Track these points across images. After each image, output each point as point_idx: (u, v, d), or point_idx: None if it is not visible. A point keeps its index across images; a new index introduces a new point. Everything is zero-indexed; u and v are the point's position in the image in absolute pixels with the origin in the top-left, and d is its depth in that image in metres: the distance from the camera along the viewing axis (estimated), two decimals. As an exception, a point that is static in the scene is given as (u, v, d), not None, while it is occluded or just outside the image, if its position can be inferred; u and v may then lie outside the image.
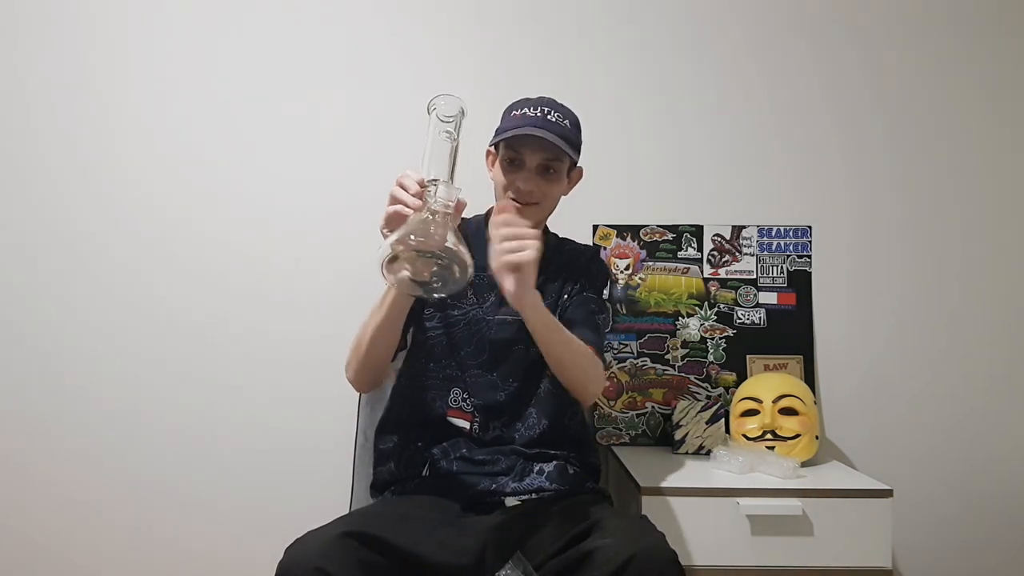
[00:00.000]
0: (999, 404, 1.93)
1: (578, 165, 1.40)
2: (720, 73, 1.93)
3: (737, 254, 1.91)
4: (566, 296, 1.40)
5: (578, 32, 1.92)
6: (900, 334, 1.93)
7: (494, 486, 1.27)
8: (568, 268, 1.43)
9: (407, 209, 1.06)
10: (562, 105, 1.37)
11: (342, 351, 1.32)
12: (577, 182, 1.44)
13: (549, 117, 1.31)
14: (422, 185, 1.06)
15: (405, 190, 1.07)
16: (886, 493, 1.47)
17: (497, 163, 1.37)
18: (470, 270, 1.03)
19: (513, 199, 1.33)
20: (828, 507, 1.45)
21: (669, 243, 1.91)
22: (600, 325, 1.40)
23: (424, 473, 1.31)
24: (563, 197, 1.41)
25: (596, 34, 1.92)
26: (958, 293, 1.94)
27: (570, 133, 1.33)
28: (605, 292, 1.44)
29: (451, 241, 1.01)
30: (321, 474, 1.85)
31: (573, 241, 1.53)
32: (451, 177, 1.08)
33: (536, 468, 1.30)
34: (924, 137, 1.94)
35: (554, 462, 1.31)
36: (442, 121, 1.10)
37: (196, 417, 1.87)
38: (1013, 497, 1.92)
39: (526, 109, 1.33)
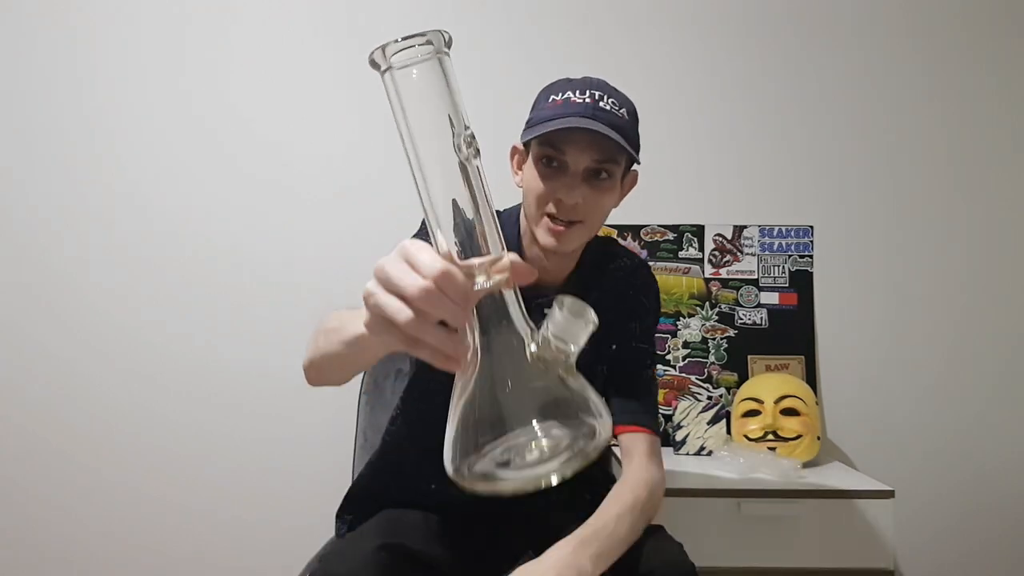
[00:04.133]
0: (1001, 404, 1.92)
1: (634, 167, 1.12)
2: (721, 72, 1.93)
3: (738, 254, 1.91)
4: (614, 347, 1.13)
5: (573, 31, 1.91)
6: (902, 334, 1.92)
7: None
8: (617, 301, 1.14)
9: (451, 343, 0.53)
10: (615, 89, 1.07)
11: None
12: (630, 190, 1.15)
13: (601, 104, 1.02)
14: (469, 275, 0.52)
15: (443, 297, 0.51)
16: (888, 494, 1.46)
17: (528, 164, 1.06)
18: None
19: (550, 215, 1.04)
20: (830, 508, 1.45)
21: (670, 243, 1.91)
22: (654, 389, 1.18)
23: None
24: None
25: (592, 34, 1.91)
26: (961, 293, 1.93)
27: (628, 126, 1.05)
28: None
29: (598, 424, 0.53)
30: (320, 474, 1.84)
31: (617, 250, 1.21)
32: (499, 240, 0.55)
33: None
34: (926, 137, 1.93)
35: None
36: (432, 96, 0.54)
37: (193, 417, 1.87)
38: (1016, 498, 1.91)
39: (570, 93, 1.03)
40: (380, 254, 0.53)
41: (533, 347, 0.54)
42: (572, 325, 0.54)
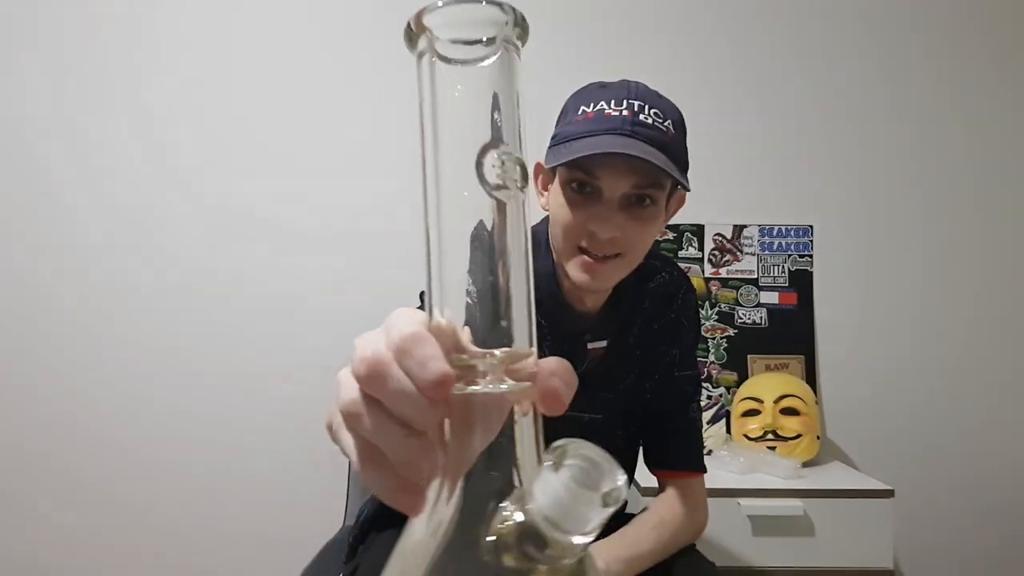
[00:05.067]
0: (1001, 404, 1.92)
1: (681, 187, 0.92)
2: (721, 72, 1.93)
3: (738, 253, 1.91)
4: (657, 377, 1.02)
5: (572, 31, 1.91)
6: (902, 333, 1.92)
7: None
8: (659, 329, 1.02)
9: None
10: (658, 96, 0.91)
11: (338, 354, 1.31)
12: (677, 211, 0.97)
13: (641, 117, 0.86)
14: (463, 374, 0.35)
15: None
16: (887, 493, 1.47)
17: (555, 187, 0.90)
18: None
19: (582, 249, 0.87)
20: (829, 508, 1.45)
21: (670, 243, 1.91)
22: (699, 422, 1.06)
23: None
24: None
25: (590, 34, 1.91)
26: (960, 292, 1.93)
27: (673, 143, 0.89)
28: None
29: None
30: (319, 473, 1.84)
31: (652, 263, 1.03)
32: (530, 326, 0.35)
33: None
34: (926, 136, 1.93)
35: None
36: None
37: (193, 416, 1.87)
38: (1016, 498, 1.91)
39: (603, 104, 0.87)
40: (384, 255, 0.51)
41: (509, 520, 0.32)
42: (578, 502, 0.31)
